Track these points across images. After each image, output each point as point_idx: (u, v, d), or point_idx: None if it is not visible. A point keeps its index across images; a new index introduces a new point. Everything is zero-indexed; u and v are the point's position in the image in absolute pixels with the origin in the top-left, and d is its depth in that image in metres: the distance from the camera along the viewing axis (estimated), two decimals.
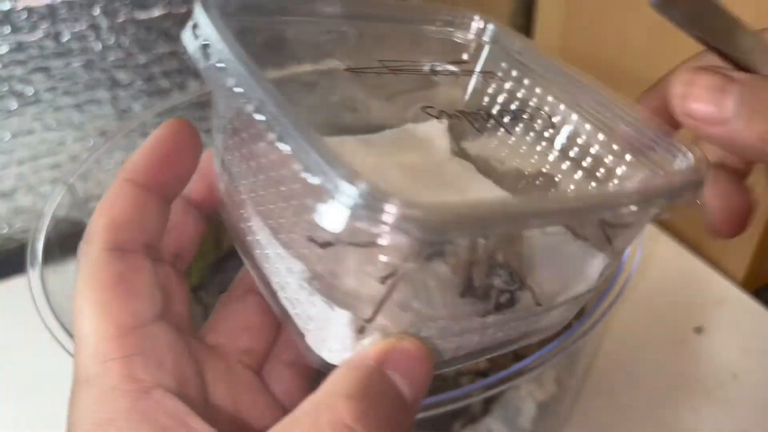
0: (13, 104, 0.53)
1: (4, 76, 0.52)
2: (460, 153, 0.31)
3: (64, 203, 0.42)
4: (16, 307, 0.52)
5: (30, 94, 0.54)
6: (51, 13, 0.51)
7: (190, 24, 0.21)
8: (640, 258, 0.36)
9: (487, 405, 0.40)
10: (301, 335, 0.21)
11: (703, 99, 0.21)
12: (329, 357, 0.20)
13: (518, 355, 0.43)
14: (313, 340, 0.21)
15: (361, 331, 0.20)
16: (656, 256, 0.56)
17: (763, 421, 0.43)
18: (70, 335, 0.33)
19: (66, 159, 0.57)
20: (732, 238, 0.25)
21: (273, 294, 0.22)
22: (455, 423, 0.39)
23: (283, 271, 0.21)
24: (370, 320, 0.19)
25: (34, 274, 0.36)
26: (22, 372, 0.47)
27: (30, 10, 0.50)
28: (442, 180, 0.29)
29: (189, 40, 0.21)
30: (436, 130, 0.31)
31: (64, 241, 0.41)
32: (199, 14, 0.21)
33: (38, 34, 0.51)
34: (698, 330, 0.49)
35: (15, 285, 0.55)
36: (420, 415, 0.29)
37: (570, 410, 0.43)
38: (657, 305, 0.51)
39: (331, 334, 0.20)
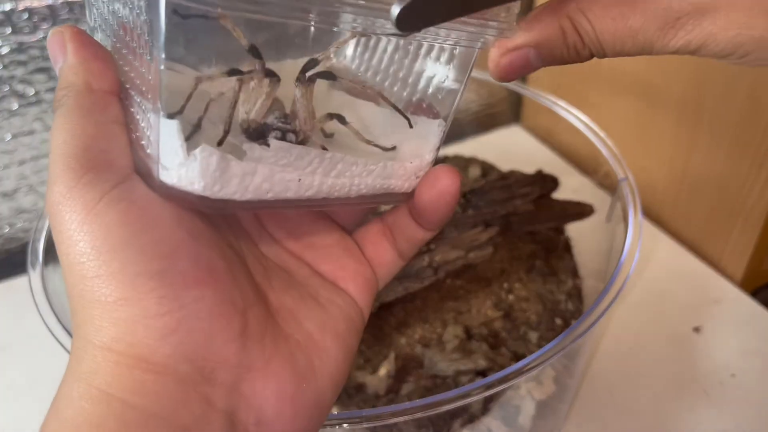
0: (15, 105, 0.54)
1: (6, 77, 0.52)
2: None
3: None
4: (16, 306, 0.53)
5: (31, 94, 0.54)
6: (52, 13, 0.51)
7: None
8: (639, 258, 0.37)
9: (487, 404, 0.41)
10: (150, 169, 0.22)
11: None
12: (167, 176, 0.21)
13: (517, 355, 0.43)
14: (156, 166, 0.22)
15: (188, 138, 0.22)
16: (655, 256, 0.56)
17: (761, 420, 0.43)
18: (71, 335, 0.33)
19: None
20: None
21: (143, 147, 0.23)
22: (455, 422, 0.40)
23: (141, 113, 0.22)
24: (194, 127, 0.22)
25: (34, 274, 0.36)
26: (22, 371, 0.47)
27: (31, 11, 0.50)
28: None
29: None
30: None
31: None
32: None
33: (39, 34, 0.52)
34: (697, 330, 0.49)
35: (16, 285, 0.55)
36: (420, 415, 0.29)
37: (569, 409, 0.44)
38: (655, 305, 0.52)
39: (166, 148, 0.21)
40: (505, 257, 0.51)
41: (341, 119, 0.25)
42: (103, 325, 0.20)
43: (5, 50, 0.51)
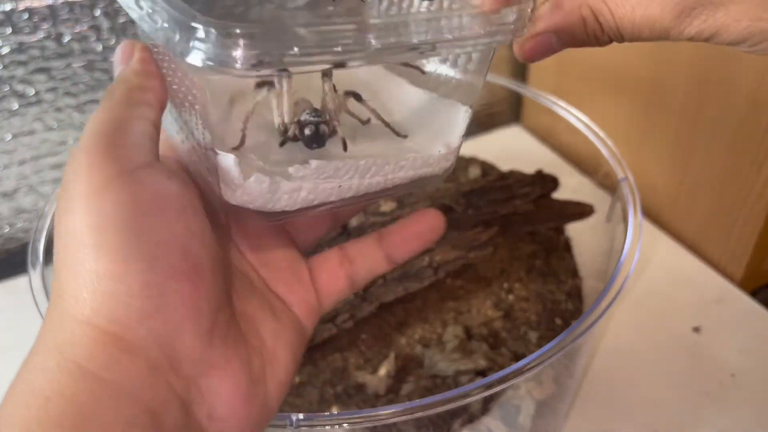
0: (15, 105, 0.54)
1: (6, 77, 0.52)
2: None
3: None
4: (16, 306, 0.53)
5: (31, 94, 0.54)
6: (52, 14, 0.51)
7: None
8: (639, 258, 0.37)
9: (487, 404, 0.41)
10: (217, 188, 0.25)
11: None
12: (228, 196, 0.24)
13: (517, 355, 0.43)
14: (217, 187, 0.24)
15: (236, 148, 0.25)
16: (655, 256, 0.56)
17: (761, 420, 0.43)
18: None
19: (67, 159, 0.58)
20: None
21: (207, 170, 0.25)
22: (455, 422, 0.40)
23: (203, 141, 0.25)
24: (238, 147, 0.25)
25: (34, 274, 0.37)
26: None
27: (31, 11, 0.50)
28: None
29: None
30: None
31: None
32: None
33: (39, 34, 0.52)
34: (696, 330, 0.49)
35: (16, 285, 0.55)
36: (420, 414, 0.29)
37: (569, 409, 0.44)
38: (655, 305, 0.52)
39: (224, 177, 0.24)
40: (505, 257, 0.51)
41: (357, 97, 0.27)
42: (86, 297, 0.20)
43: (5, 50, 0.51)
